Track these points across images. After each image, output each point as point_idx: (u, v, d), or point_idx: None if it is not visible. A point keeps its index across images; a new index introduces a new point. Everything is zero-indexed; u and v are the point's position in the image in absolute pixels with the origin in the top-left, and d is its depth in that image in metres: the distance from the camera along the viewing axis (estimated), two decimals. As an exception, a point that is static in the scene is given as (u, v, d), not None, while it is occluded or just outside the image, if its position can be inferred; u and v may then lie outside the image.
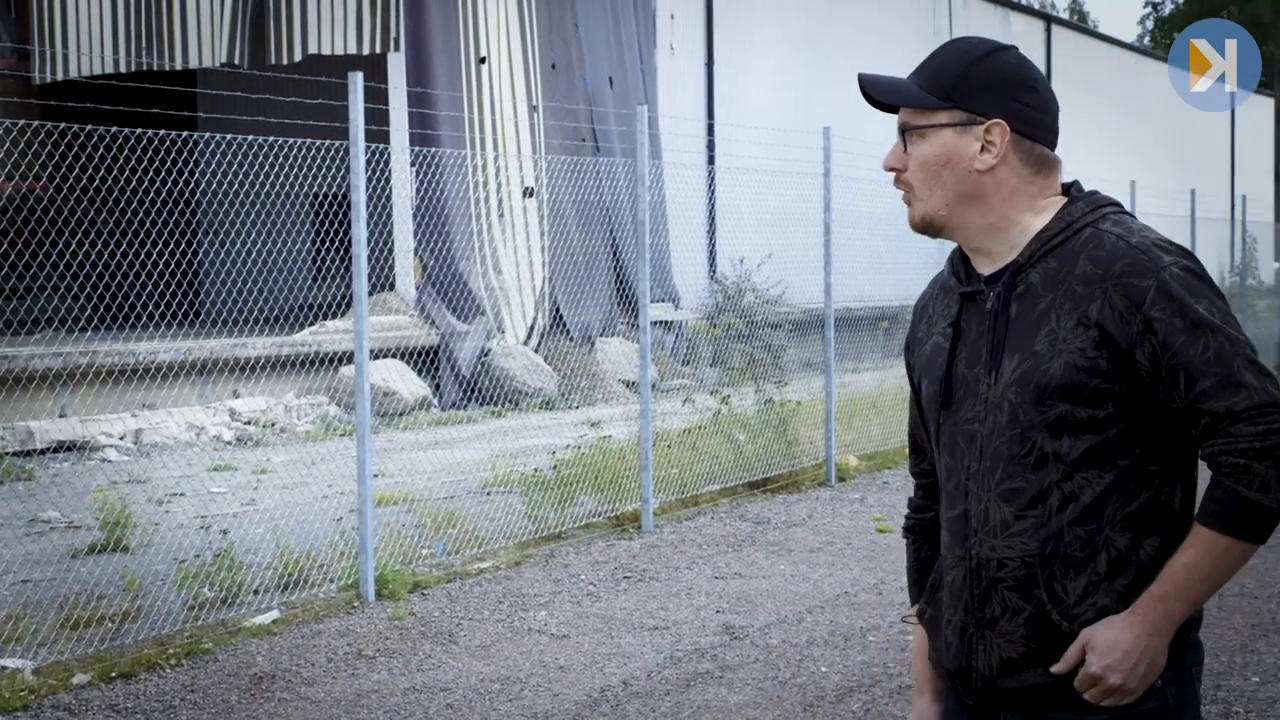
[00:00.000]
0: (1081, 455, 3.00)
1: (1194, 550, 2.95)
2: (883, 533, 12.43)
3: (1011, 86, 3.12)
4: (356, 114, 10.23)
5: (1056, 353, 2.99)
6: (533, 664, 8.59)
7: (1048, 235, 3.08)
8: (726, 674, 8.33)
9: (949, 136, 3.12)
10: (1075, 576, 3.00)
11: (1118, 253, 2.99)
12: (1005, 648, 3.07)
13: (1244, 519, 2.91)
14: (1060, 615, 3.01)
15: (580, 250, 24.79)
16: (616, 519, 12.73)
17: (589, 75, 26.67)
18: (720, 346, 22.70)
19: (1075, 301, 2.99)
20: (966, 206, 3.14)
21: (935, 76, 3.17)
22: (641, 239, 12.95)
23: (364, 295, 10.19)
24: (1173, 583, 2.95)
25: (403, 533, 11.38)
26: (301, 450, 16.40)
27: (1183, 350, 2.91)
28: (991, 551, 3.08)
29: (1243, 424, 2.90)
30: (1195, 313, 2.92)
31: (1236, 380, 2.91)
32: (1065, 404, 2.98)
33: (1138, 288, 2.94)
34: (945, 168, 3.13)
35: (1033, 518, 3.03)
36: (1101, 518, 3.00)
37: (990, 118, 3.09)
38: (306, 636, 9.14)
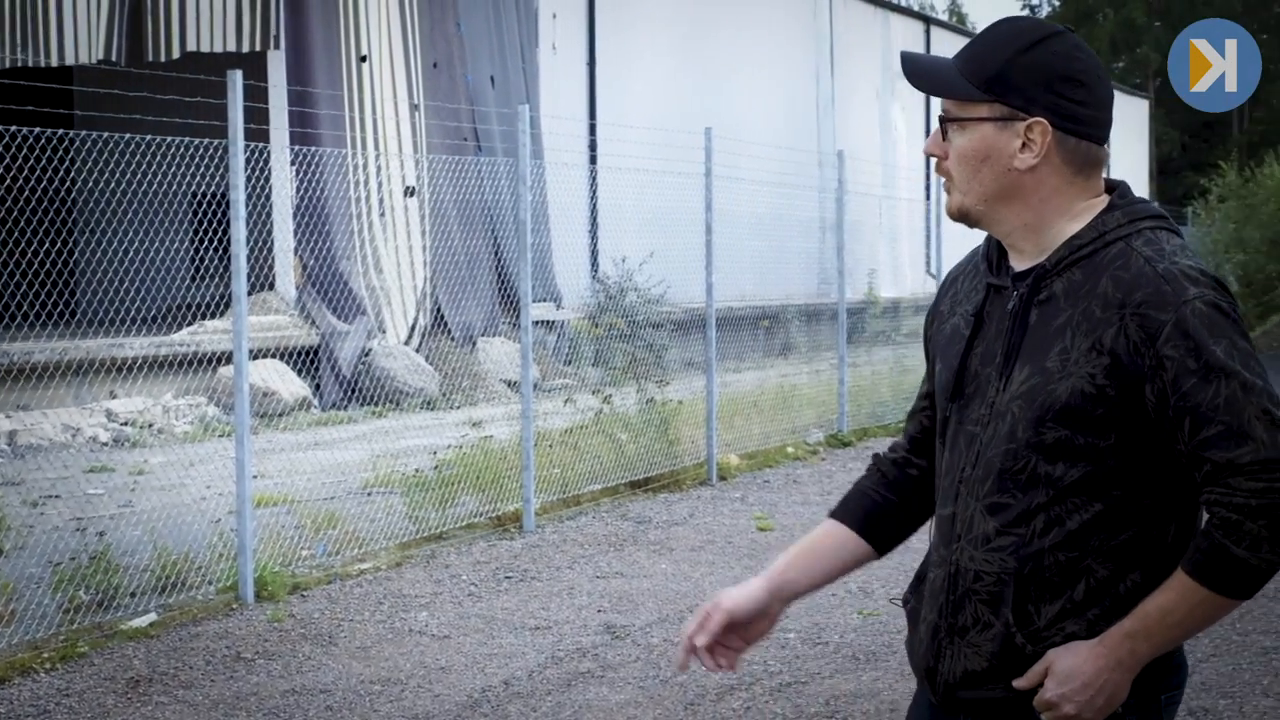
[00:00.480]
0: (1075, 481, 2.89)
1: (1171, 594, 2.84)
2: (763, 531, 12.50)
3: (1057, 80, 2.94)
4: (236, 113, 10.15)
5: (1066, 374, 2.87)
6: (413, 665, 8.57)
7: (1078, 244, 2.94)
8: (608, 673, 8.35)
9: (989, 131, 2.96)
10: (1050, 601, 2.91)
11: (1141, 278, 2.84)
12: (971, 658, 3.00)
13: (1227, 574, 2.79)
14: (1025, 638, 2.92)
15: (462, 250, 24.72)
16: (498, 519, 12.72)
17: (471, 74, 26.60)
18: (602, 346, 22.69)
19: (1092, 324, 2.86)
20: (1004, 203, 2.99)
21: (978, 65, 2.98)
22: (523, 239, 12.95)
23: (243, 295, 10.12)
24: (1144, 622, 2.85)
25: (282, 534, 11.31)
26: (180, 451, 16.24)
27: (1192, 393, 2.78)
28: (971, 561, 2.99)
29: (1243, 478, 2.76)
30: (1211, 354, 2.77)
31: (1244, 431, 2.76)
32: (1065, 429, 2.88)
33: (1155, 320, 2.80)
34: (984, 163, 2.97)
35: (1015, 535, 2.93)
36: (1085, 546, 2.90)
37: (1032, 114, 2.93)
38: (184, 639, 9.06)
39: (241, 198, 10.14)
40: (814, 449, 17.60)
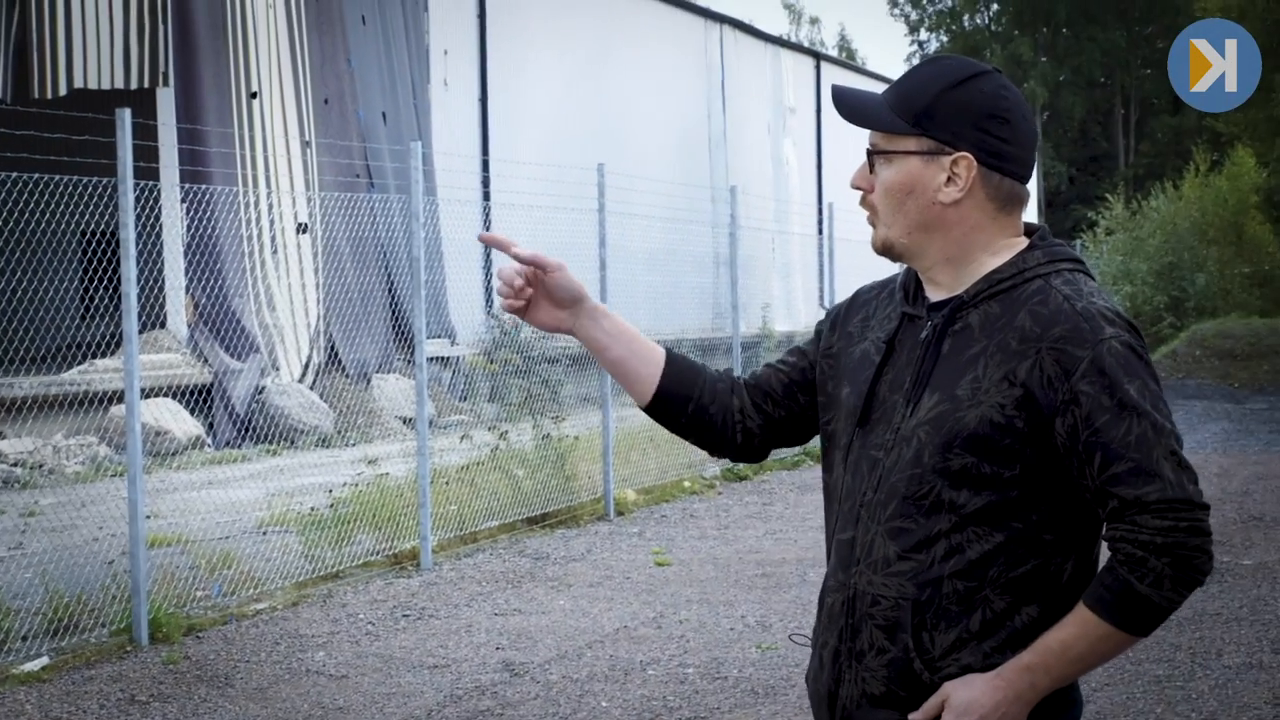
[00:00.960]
0: (977, 510, 2.90)
1: (1072, 629, 2.87)
2: (661, 566, 12.51)
3: (983, 117, 2.98)
4: (125, 151, 10.08)
5: (975, 402, 2.89)
6: (311, 705, 8.50)
7: (997, 278, 2.97)
8: (507, 711, 8.32)
9: (915, 165, 2.99)
10: (946, 629, 2.92)
11: (1059, 315, 2.88)
12: (869, 682, 3.00)
13: (1129, 610, 2.83)
14: (923, 665, 2.93)
15: (355, 287, 24.62)
16: (395, 557, 12.66)
17: (362, 110, 26.54)
18: (498, 382, 22.65)
19: (1006, 355, 2.89)
20: (927, 236, 3.02)
21: (906, 100, 3.01)
22: (417, 275, 12.92)
23: (134, 334, 10.04)
24: (1044, 656, 2.86)
25: (177, 575, 11.20)
26: (71, 492, 16.04)
27: (1105, 429, 2.82)
28: (869, 585, 3.00)
29: (1149, 515, 2.80)
30: (1125, 393, 2.82)
31: (1153, 470, 2.81)
32: (972, 456, 2.89)
33: (1072, 356, 2.84)
34: (909, 196, 3.00)
35: (915, 561, 2.94)
36: (984, 576, 2.91)
37: (958, 149, 2.97)
38: (78, 683, 8.95)
39: (131, 236, 10.07)
40: (710, 483, 17.64)
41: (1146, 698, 8.24)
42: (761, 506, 16.00)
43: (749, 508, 15.94)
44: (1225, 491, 16.04)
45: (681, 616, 10.57)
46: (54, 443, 19.43)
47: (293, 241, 24.43)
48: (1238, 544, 12.90)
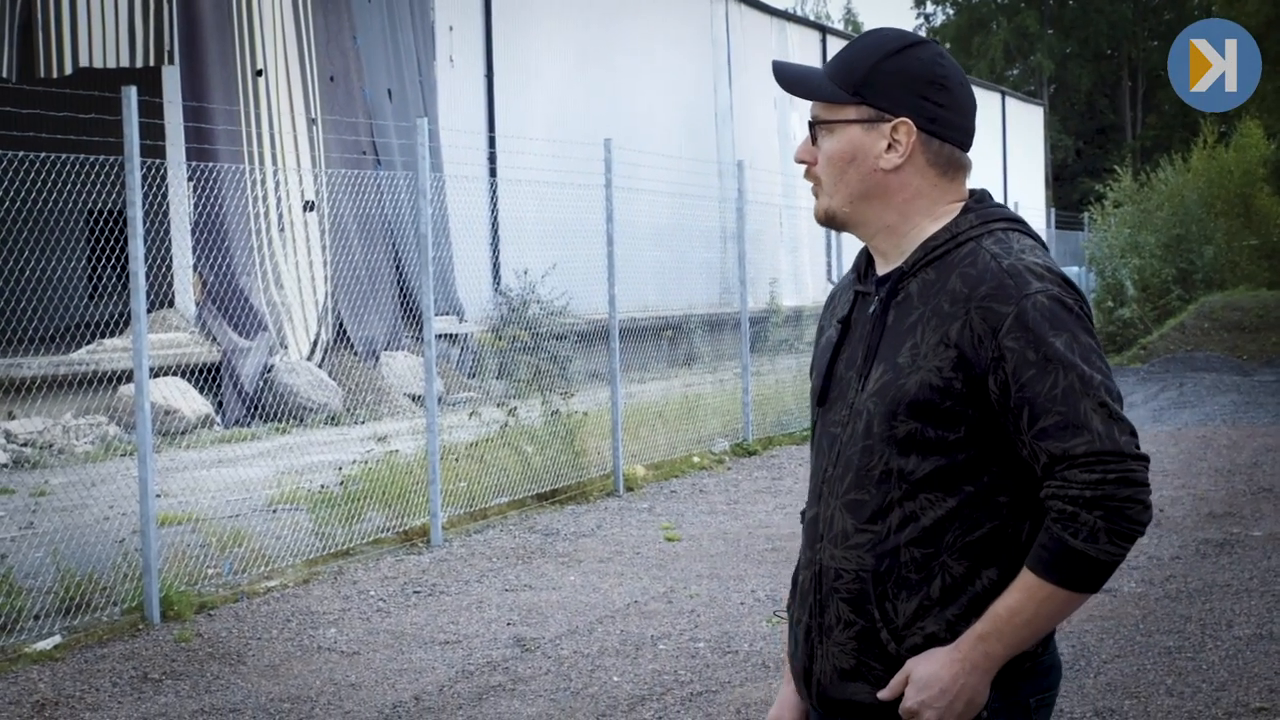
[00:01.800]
0: (926, 476, 2.93)
1: (1019, 594, 2.87)
2: (671, 541, 12.52)
3: (921, 84, 3.02)
4: (131, 129, 10.08)
5: (915, 368, 2.92)
6: (323, 682, 8.52)
7: (932, 245, 3.01)
8: (519, 686, 8.34)
9: (856, 133, 3.04)
10: (907, 598, 2.94)
11: (986, 273, 2.90)
12: (839, 657, 3.02)
13: (1068, 568, 2.82)
14: (889, 635, 2.95)
15: (363, 264, 24.62)
16: (405, 534, 12.67)
17: (368, 88, 26.51)
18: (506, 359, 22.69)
19: (941, 319, 2.92)
20: (868, 204, 3.06)
21: (846, 70, 3.06)
22: (424, 252, 12.92)
23: (142, 313, 10.04)
24: (995, 624, 2.87)
25: (188, 553, 11.21)
26: (81, 471, 16.07)
27: (1030, 384, 2.83)
28: (832, 560, 3.03)
29: (1078, 469, 2.81)
30: (1050, 346, 2.83)
31: (1080, 423, 2.81)
32: (916, 422, 2.92)
33: (997, 313, 2.86)
34: (851, 164, 3.04)
35: (871, 532, 2.97)
36: (940, 542, 2.93)
37: (897, 115, 3.01)
38: (90, 661, 8.97)
39: (139, 215, 10.06)
40: (720, 458, 17.65)
41: (1157, 669, 8.25)
42: (771, 481, 16.01)
43: (758, 483, 15.95)
44: (1234, 464, 16.03)
45: (691, 591, 10.58)
46: (63, 422, 19.45)
47: (300, 219, 24.43)
48: (1248, 515, 12.89)
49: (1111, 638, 8.89)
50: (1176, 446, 17.59)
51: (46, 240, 19.38)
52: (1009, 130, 60.29)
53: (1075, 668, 8.25)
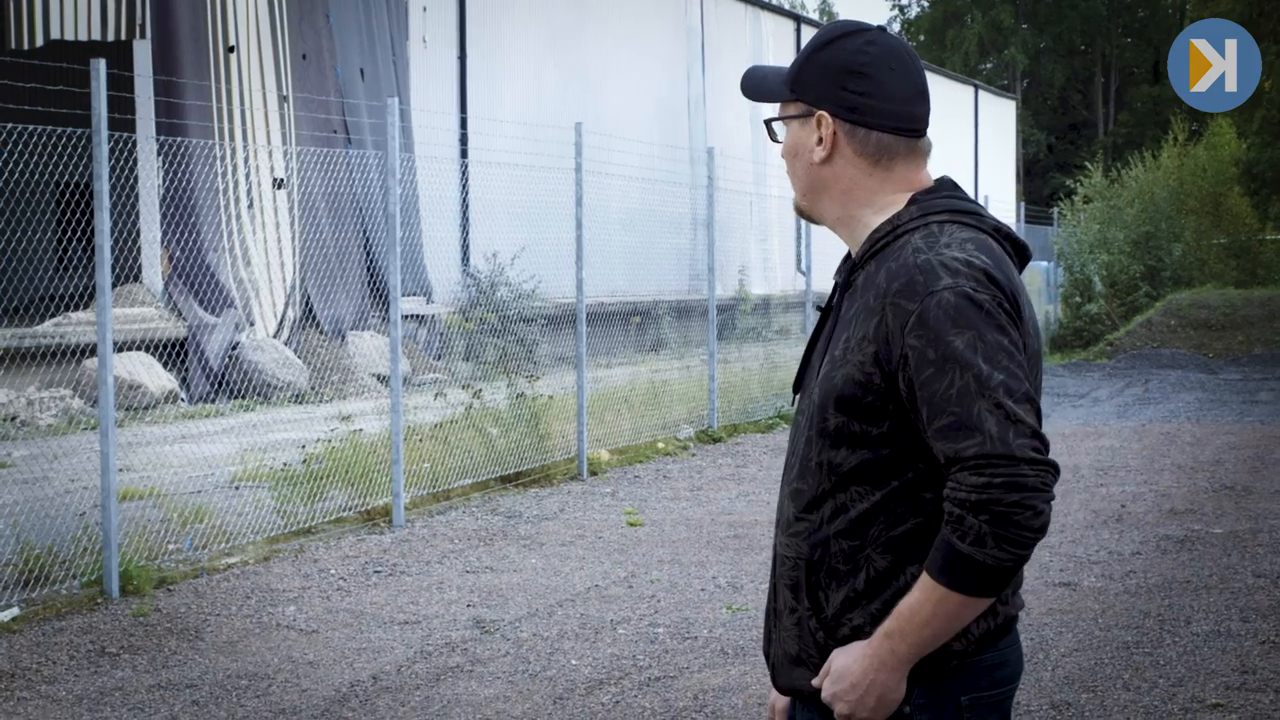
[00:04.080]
0: (853, 469, 2.93)
1: (918, 594, 2.85)
2: (633, 526, 12.53)
3: (840, 74, 3.02)
4: (99, 102, 10.04)
5: (844, 362, 2.93)
6: (281, 659, 8.50)
7: (876, 237, 3.01)
8: (477, 667, 8.33)
9: (795, 129, 3.09)
10: (836, 588, 2.96)
11: (902, 269, 2.89)
12: (787, 643, 3.06)
13: (958, 571, 2.79)
14: (818, 624, 2.98)
15: (332, 243, 24.57)
16: (367, 513, 12.65)
17: (340, 66, 26.44)
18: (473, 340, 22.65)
19: (868, 313, 2.92)
20: (817, 198, 3.11)
21: (792, 69, 3.12)
22: (392, 232, 12.89)
23: (107, 287, 10.00)
24: (898, 622, 2.87)
25: (149, 528, 11.18)
26: (44, 444, 16.01)
27: (928, 384, 2.82)
28: (781, 547, 3.08)
29: (967, 471, 2.78)
30: (948, 346, 2.80)
31: (972, 424, 2.78)
32: (843, 415, 2.92)
33: (903, 310, 2.86)
34: (795, 159, 3.10)
35: (808, 521, 3.00)
36: (865, 535, 2.93)
37: (819, 109, 3.04)
38: (48, 634, 8.94)
39: (105, 188, 10.02)
40: (684, 444, 17.66)
41: (1114, 664, 8.28)
42: (735, 469, 16.02)
43: (722, 469, 15.96)
44: (1198, 461, 16.09)
45: (653, 576, 10.58)
46: (27, 395, 19.37)
47: (269, 196, 24.36)
48: (1209, 513, 12.94)
49: (1070, 631, 8.92)
50: (1140, 443, 17.65)
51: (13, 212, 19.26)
52: (981, 124, 60.38)
53: (1033, 661, 8.28)
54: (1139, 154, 43.71)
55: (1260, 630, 9.00)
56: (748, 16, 43.31)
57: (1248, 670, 8.16)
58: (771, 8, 46.84)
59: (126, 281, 22.50)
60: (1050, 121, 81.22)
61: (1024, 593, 3.10)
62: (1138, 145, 55.70)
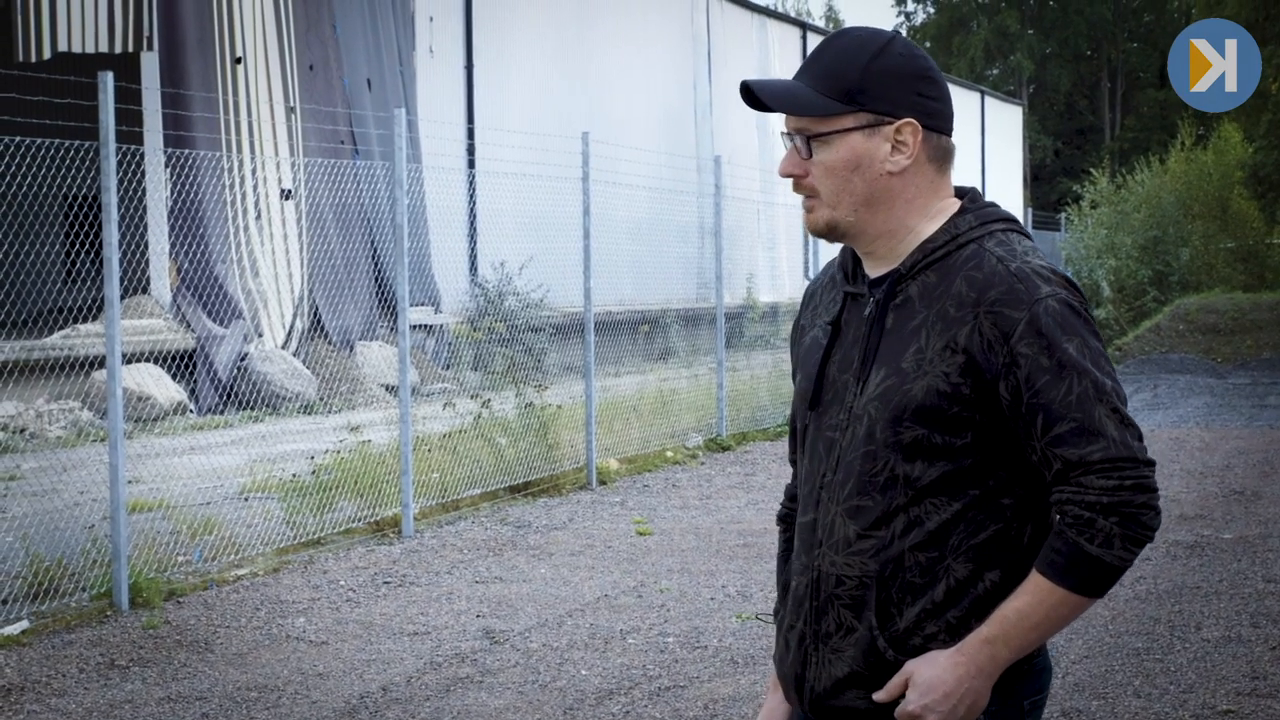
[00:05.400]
0: (933, 481, 2.91)
1: (1028, 597, 2.87)
2: (643, 535, 12.52)
3: (913, 80, 2.99)
4: (107, 114, 10.05)
5: (921, 374, 2.89)
6: (291, 671, 8.50)
7: (931, 247, 2.97)
8: (487, 678, 8.33)
9: (857, 140, 2.98)
10: (911, 602, 2.93)
11: (994, 277, 2.88)
12: (835, 665, 3.00)
13: (1082, 573, 2.84)
14: (887, 641, 2.93)
15: (339, 253, 24.58)
16: (376, 524, 12.66)
17: (347, 77, 26.45)
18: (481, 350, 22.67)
19: (947, 323, 2.89)
20: (873, 210, 3.00)
21: (832, 78, 2.99)
22: (400, 242, 12.90)
23: (116, 299, 10.01)
24: (1002, 627, 2.87)
25: (158, 540, 11.18)
26: (53, 456, 16.02)
27: (1045, 390, 2.82)
28: (832, 566, 3.00)
29: (1094, 475, 2.82)
30: (1064, 352, 2.82)
31: (1096, 429, 2.82)
32: (922, 428, 2.89)
33: (1009, 318, 2.84)
34: (855, 172, 2.98)
35: (875, 538, 2.94)
36: (945, 545, 2.91)
37: (899, 117, 2.97)
38: (58, 647, 8.94)
39: (113, 200, 10.04)
40: (693, 453, 17.65)
41: (1125, 670, 8.27)
42: (744, 477, 16.01)
43: (731, 478, 15.95)
44: (1206, 466, 16.08)
45: (662, 586, 10.58)
46: (36, 407, 19.39)
47: (277, 207, 24.37)
48: (1218, 518, 12.93)
49: (1080, 638, 8.91)
50: (1149, 448, 17.59)
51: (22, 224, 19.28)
52: (988, 130, 60.36)
53: (1043, 667, 8.25)
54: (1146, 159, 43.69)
55: (1271, 635, 8.99)
56: (754, 24, 43.32)
57: (1259, 676, 8.15)
58: (778, 15, 46.90)
59: (135, 293, 22.50)
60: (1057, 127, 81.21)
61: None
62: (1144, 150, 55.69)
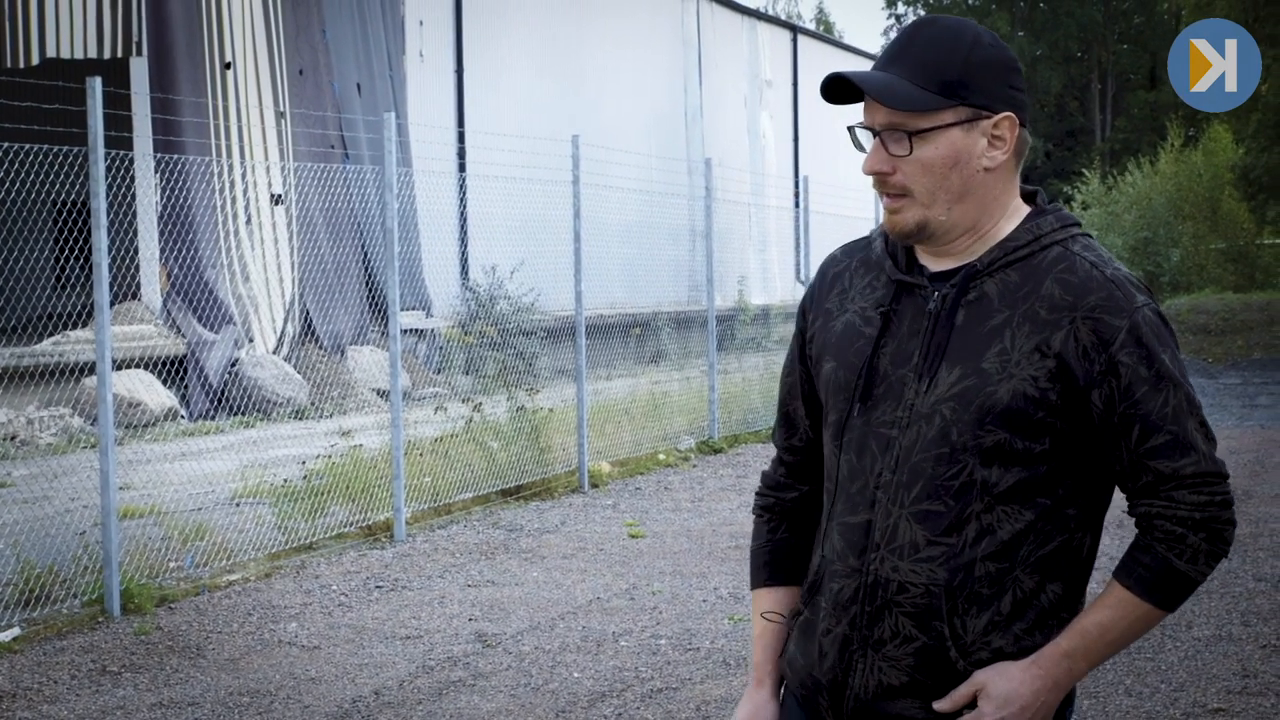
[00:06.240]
0: (1009, 489, 2.83)
1: (1112, 611, 2.84)
2: (635, 538, 12.52)
3: (1007, 73, 2.90)
4: (95, 120, 10.04)
5: (1006, 375, 2.81)
6: (283, 676, 8.49)
7: (1012, 245, 2.89)
8: (479, 681, 8.32)
9: (956, 135, 2.86)
10: (978, 614, 2.84)
11: (1091, 282, 2.81)
12: (888, 673, 2.89)
13: (1169, 588, 2.82)
14: (958, 652, 2.84)
15: (330, 258, 24.57)
16: (368, 528, 12.65)
17: (337, 81, 26.45)
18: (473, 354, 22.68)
19: (1037, 325, 2.81)
20: (964, 206, 2.90)
21: (930, 71, 2.86)
22: (390, 247, 12.90)
23: (105, 305, 10.00)
24: (1083, 640, 2.84)
25: (149, 546, 11.18)
26: (44, 463, 16.00)
27: (1144, 401, 2.78)
28: (894, 572, 2.88)
29: (1186, 490, 2.79)
30: (1162, 363, 2.79)
31: (1188, 442, 2.79)
32: (1005, 432, 2.81)
33: (1109, 325, 2.78)
34: (954, 169, 2.87)
35: (945, 545, 2.84)
36: (1015, 556, 2.84)
37: (997, 111, 2.87)
38: (49, 654, 8.93)
39: (103, 206, 10.03)
40: (685, 455, 17.65)
41: (1116, 669, 8.27)
42: (735, 479, 16.01)
43: (723, 480, 15.95)
44: (1198, 465, 16.06)
45: (654, 588, 10.58)
46: (27, 414, 19.37)
47: (267, 212, 24.36)
48: (1209, 517, 12.92)
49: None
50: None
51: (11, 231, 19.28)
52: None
53: (1035, 667, 8.26)
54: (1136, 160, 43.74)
55: (1261, 634, 9.00)
56: (744, 26, 43.34)
57: (1249, 674, 8.16)
58: (768, 18, 46.92)
59: (125, 299, 22.50)
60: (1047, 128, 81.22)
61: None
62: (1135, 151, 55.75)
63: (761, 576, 3.25)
